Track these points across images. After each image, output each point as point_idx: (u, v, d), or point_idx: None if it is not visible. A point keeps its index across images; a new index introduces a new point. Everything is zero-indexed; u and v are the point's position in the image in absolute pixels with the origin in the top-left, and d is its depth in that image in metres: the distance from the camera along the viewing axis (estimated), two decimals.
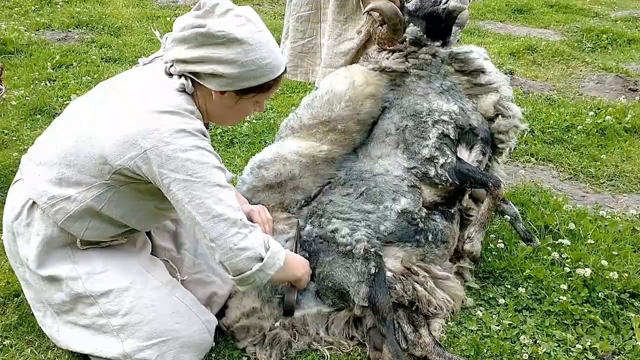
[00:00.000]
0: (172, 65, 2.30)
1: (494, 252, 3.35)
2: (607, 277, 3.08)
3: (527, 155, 4.76)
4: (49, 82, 5.77)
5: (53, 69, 6.05)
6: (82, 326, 2.50)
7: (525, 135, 4.95)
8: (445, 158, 2.94)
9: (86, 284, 2.44)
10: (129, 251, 2.63)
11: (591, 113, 5.29)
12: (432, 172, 2.94)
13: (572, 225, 3.56)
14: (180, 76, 2.29)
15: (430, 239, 2.91)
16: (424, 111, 2.99)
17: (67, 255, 2.46)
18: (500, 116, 3.06)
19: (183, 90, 2.29)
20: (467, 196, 3.09)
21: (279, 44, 3.40)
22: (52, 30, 7.36)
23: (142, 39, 7.23)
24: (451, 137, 2.98)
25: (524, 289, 3.08)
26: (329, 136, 3.00)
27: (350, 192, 2.90)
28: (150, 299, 2.49)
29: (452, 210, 3.05)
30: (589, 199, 4.19)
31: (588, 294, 3.02)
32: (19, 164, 2.55)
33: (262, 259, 2.29)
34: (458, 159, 2.99)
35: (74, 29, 7.44)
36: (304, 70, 3.74)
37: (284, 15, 3.99)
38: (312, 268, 2.75)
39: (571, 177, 4.48)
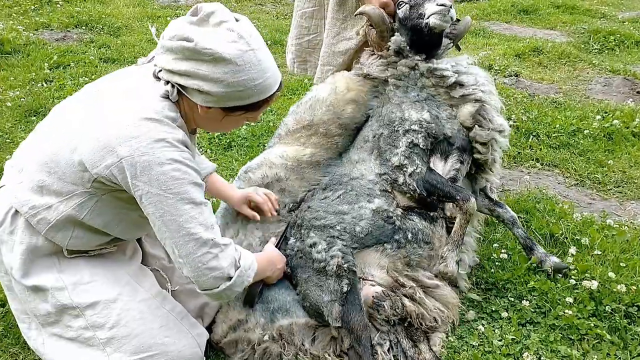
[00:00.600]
0: (160, 71, 2.22)
1: (496, 263, 3.25)
2: (614, 289, 2.96)
3: (532, 160, 4.64)
4: (46, 82, 5.69)
5: (50, 69, 5.97)
6: (67, 339, 2.41)
7: (530, 140, 4.84)
8: (414, 167, 2.89)
9: (72, 294, 2.35)
10: (118, 260, 2.54)
11: (598, 117, 5.16)
12: (400, 180, 2.89)
13: (578, 235, 3.44)
14: (167, 82, 2.21)
15: (410, 238, 2.83)
16: (397, 120, 2.95)
17: (53, 264, 2.38)
18: (477, 126, 2.96)
19: (167, 97, 2.21)
20: (451, 205, 2.97)
21: (283, 45, 3.36)
22: (51, 30, 7.29)
23: (142, 39, 7.15)
24: (421, 146, 2.92)
25: (527, 301, 2.97)
26: (312, 139, 3.03)
27: (328, 195, 2.89)
28: (138, 312, 2.41)
29: (432, 214, 2.95)
30: (596, 206, 4.07)
31: (595, 308, 2.91)
32: None
33: (230, 278, 2.26)
34: (430, 169, 2.92)
35: (73, 28, 7.36)
36: (312, 64, 3.69)
37: (286, 15, 3.91)
38: (293, 285, 2.76)
39: (577, 183, 4.36)
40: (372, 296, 2.69)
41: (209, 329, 2.72)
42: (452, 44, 3.15)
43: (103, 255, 2.49)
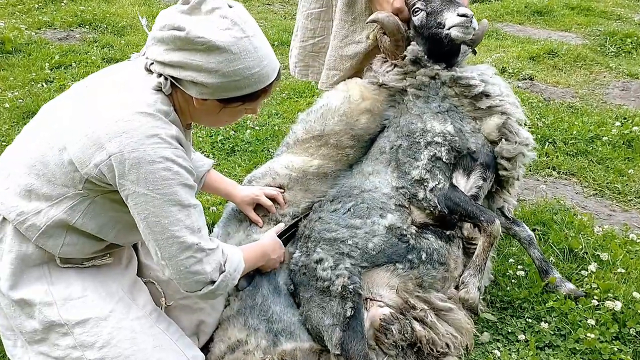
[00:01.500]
0: (152, 63, 2.10)
1: (512, 280, 3.06)
2: (639, 311, 2.79)
3: (549, 168, 4.44)
4: (46, 83, 5.55)
5: (51, 69, 5.83)
6: (54, 358, 2.24)
7: (546, 146, 4.64)
8: (436, 182, 2.72)
9: (61, 310, 2.20)
10: (112, 273, 2.39)
11: (617, 123, 4.96)
12: (420, 195, 2.73)
13: (598, 250, 3.25)
14: (160, 75, 2.09)
15: (424, 258, 2.67)
16: (418, 131, 2.79)
17: (44, 275, 2.23)
18: (504, 140, 2.78)
19: (160, 90, 2.09)
20: (469, 224, 2.78)
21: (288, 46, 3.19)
22: (54, 29, 7.14)
23: (147, 38, 6.96)
24: (444, 160, 2.74)
25: (546, 323, 2.79)
26: (322, 150, 2.90)
27: (338, 207, 2.76)
28: (130, 330, 2.25)
29: (449, 233, 2.78)
30: (616, 218, 3.87)
31: (618, 330, 2.75)
32: None
33: (214, 282, 2.17)
34: (453, 186, 2.74)
35: (76, 27, 7.22)
36: (315, 70, 3.44)
37: (295, 15, 3.69)
38: (296, 304, 2.65)
39: (596, 194, 4.16)
40: (380, 318, 2.52)
41: (206, 347, 2.59)
42: (470, 50, 2.95)
43: (97, 267, 2.35)
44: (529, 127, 4.81)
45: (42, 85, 5.47)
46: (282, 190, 2.88)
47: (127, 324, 2.25)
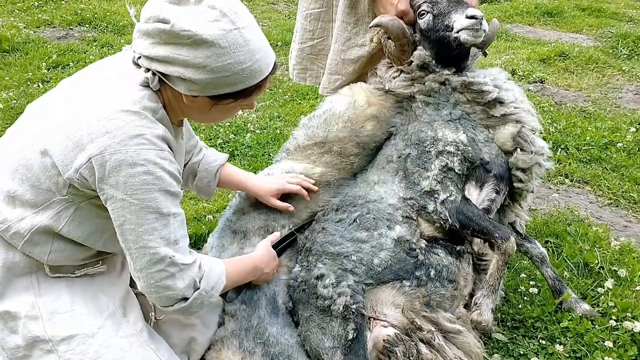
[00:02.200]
0: (139, 57, 1.97)
1: (524, 297, 2.89)
2: None
3: (561, 176, 4.26)
4: (42, 83, 5.42)
5: (48, 69, 5.70)
6: None
7: (558, 153, 4.46)
8: (447, 194, 2.54)
9: (47, 325, 2.06)
10: (104, 284, 2.24)
11: (632, 129, 4.79)
12: (430, 207, 2.56)
13: (615, 265, 3.08)
14: (147, 70, 1.96)
15: (432, 275, 2.50)
16: (428, 140, 2.61)
17: (31, 285, 2.10)
18: (519, 150, 2.60)
19: (147, 85, 1.97)
20: (478, 240, 2.61)
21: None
22: (53, 27, 7.02)
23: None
24: (456, 170, 2.57)
25: (561, 345, 2.63)
26: (324, 158, 2.74)
27: (343, 217, 2.61)
28: (119, 349, 2.10)
29: (459, 248, 2.61)
30: (632, 229, 3.69)
31: (637, 353, 2.58)
32: None
33: (186, 299, 2.02)
34: (465, 199, 2.57)
35: (76, 26, 7.08)
36: (314, 73, 3.26)
37: None
38: (294, 322, 2.48)
39: (611, 203, 3.98)
40: (384, 339, 2.35)
41: None
42: (480, 52, 2.78)
43: (90, 276, 2.21)
44: (541, 133, 4.64)
45: (38, 86, 5.33)
46: (310, 181, 2.71)
47: (115, 341, 2.11)
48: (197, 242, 3.32)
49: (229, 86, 1.94)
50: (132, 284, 2.40)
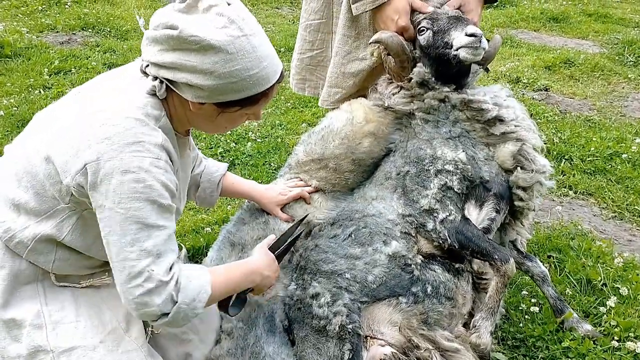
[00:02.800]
0: (147, 65, 1.98)
1: (526, 315, 2.84)
2: None
3: (565, 187, 4.21)
4: (44, 89, 5.39)
5: (50, 75, 5.68)
6: None
7: (562, 164, 4.41)
8: (447, 214, 2.51)
9: (50, 335, 2.05)
10: (109, 297, 2.21)
11: (637, 139, 4.73)
12: (429, 226, 2.52)
13: (618, 282, 3.03)
14: (155, 78, 1.97)
15: (429, 291, 2.47)
16: (427, 158, 2.58)
17: (37, 293, 2.09)
18: (519, 168, 2.56)
19: (154, 94, 1.98)
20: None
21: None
22: (56, 32, 6.99)
23: None
24: (456, 190, 2.53)
25: None
26: (319, 173, 2.76)
27: (338, 233, 2.58)
28: None
29: (457, 266, 2.57)
30: (637, 243, 3.64)
31: None
32: None
33: (167, 314, 1.95)
34: (465, 219, 2.53)
35: (79, 31, 7.06)
36: (312, 84, 3.22)
37: None
38: (290, 341, 2.43)
39: (615, 216, 3.93)
40: (381, 358, 2.31)
41: None
42: (481, 69, 2.74)
43: (95, 287, 2.20)
44: (544, 142, 4.59)
45: (40, 92, 5.31)
46: (308, 185, 2.76)
47: (115, 356, 2.10)
48: (195, 255, 3.29)
49: (236, 93, 1.95)
50: None
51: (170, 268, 1.96)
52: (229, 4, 1.93)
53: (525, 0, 9.54)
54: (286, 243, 2.50)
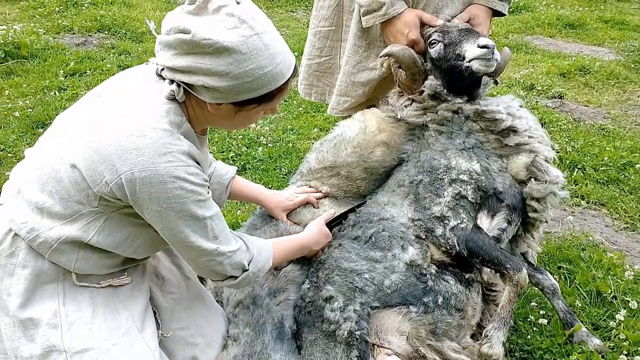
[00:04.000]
0: (162, 69, 2.01)
1: (534, 327, 2.82)
2: None
3: (577, 197, 4.18)
4: (59, 91, 5.43)
5: (65, 77, 5.72)
6: None
7: (575, 173, 4.38)
8: (458, 222, 2.51)
9: (65, 335, 2.08)
10: (126, 298, 2.26)
11: None
12: (438, 231, 2.53)
13: (628, 295, 3.00)
14: (172, 81, 2.00)
15: (440, 302, 2.47)
16: (441, 168, 2.59)
17: (57, 293, 2.13)
18: (533, 179, 2.55)
19: (173, 98, 2.01)
20: (489, 270, 2.57)
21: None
22: (73, 33, 7.04)
23: None
24: (469, 199, 2.53)
25: None
26: (331, 180, 2.82)
27: (359, 235, 2.62)
28: None
29: (468, 276, 2.56)
30: None
31: None
32: None
33: (236, 278, 2.21)
34: (477, 227, 2.52)
35: (95, 33, 7.11)
36: (319, 90, 3.24)
37: None
38: (297, 347, 2.47)
39: (627, 227, 3.89)
40: None
41: None
42: (492, 80, 2.73)
43: (114, 287, 2.24)
44: (557, 152, 4.57)
45: (55, 94, 5.35)
46: (318, 191, 2.82)
47: (127, 359, 2.13)
48: None
49: (252, 91, 1.97)
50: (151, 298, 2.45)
51: (234, 240, 2.18)
52: (238, 3, 1.95)
53: (541, 6, 9.48)
54: (341, 215, 2.68)
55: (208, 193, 2.07)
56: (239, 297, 2.53)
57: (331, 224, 2.68)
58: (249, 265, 2.22)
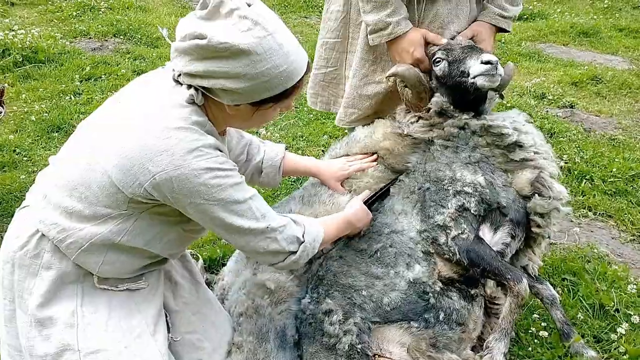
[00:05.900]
0: (179, 75, 2.07)
1: (535, 340, 2.85)
2: None
3: (584, 208, 4.18)
4: (74, 95, 5.52)
5: (81, 81, 5.81)
6: None
7: (582, 184, 4.39)
8: (459, 232, 2.55)
9: (80, 335, 2.15)
10: (142, 302, 2.33)
11: None
12: (441, 240, 2.57)
13: (631, 309, 3.02)
14: (189, 86, 2.06)
15: (441, 318, 2.51)
16: (446, 179, 2.64)
17: (76, 294, 2.20)
18: (537, 195, 2.59)
19: (192, 102, 2.07)
20: (491, 282, 2.59)
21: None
22: (89, 38, 7.16)
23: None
24: (472, 211, 2.57)
25: None
26: None
27: (365, 248, 2.64)
28: None
29: (473, 292, 2.60)
30: None
31: None
32: (25, 188, 2.26)
33: (295, 253, 2.28)
34: (478, 238, 2.56)
35: (111, 37, 7.21)
36: (324, 99, 3.31)
37: None
38: (298, 356, 2.51)
39: (634, 239, 3.89)
40: None
41: None
42: (497, 95, 2.78)
43: (131, 291, 2.31)
44: (566, 162, 4.58)
45: (70, 98, 5.45)
46: (371, 159, 2.86)
47: None
48: (211, 266, 3.36)
49: (269, 90, 2.04)
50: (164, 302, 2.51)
51: (280, 216, 2.26)
52: (249, 5, 2.00)
53: (555, 13, 9.45)
54: (379, 193, 2.71)
55: (241, 178, 2.14)
56: (240, 309, 2.58)
57: (369, 203, 2.68)
58: (303, 236, 2.29)
